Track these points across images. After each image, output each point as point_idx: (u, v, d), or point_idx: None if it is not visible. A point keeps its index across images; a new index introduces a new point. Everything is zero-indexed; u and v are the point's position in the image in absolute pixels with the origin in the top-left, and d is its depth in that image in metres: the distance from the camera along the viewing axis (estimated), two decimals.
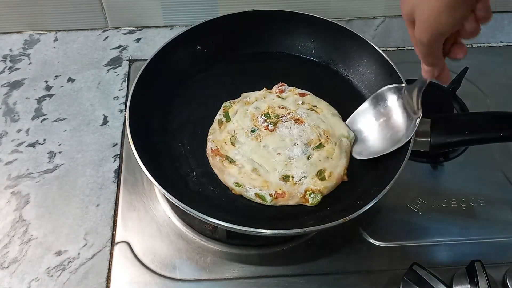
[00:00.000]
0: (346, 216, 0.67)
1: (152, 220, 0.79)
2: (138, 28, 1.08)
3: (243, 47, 0.94)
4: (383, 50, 0.86)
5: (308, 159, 0.77)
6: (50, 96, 0.96)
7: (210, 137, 0.81)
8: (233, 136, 0.80)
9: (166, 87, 0.87)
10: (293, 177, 0.75)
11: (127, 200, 0.81)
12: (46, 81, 0.98)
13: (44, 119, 0.92)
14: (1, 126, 0.91)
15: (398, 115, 0.77)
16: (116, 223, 0.79)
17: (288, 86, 0.87)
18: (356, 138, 0.80)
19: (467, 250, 0.76)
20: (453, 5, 0.55)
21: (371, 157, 0.77)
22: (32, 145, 0.88)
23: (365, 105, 0.81)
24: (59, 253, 0.76)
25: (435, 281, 0.66)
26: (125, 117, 0.91)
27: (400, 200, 0.81)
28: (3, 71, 1.00)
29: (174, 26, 1.08)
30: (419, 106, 0.73)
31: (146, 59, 0.84)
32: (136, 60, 1.02)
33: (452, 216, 0.80)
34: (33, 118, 0.92)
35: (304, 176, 0.75)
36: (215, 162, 0.78)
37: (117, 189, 0.83)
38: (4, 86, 0.97)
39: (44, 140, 0.89)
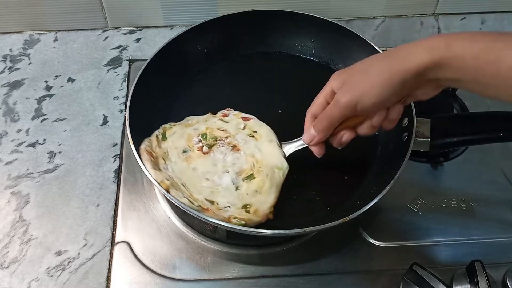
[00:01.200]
0: (346, 216, 0.67)
1: (152, 220, 0.79)
2: (138, 28, 1.08)
3: (243, 47, 0.94)
4: (383, 50, 0.86)
5: (236, 190, 0.72)
6: (50, 96, 0.96)
7: (144, 143, 0.75)
8: (165, 153, 0.76)
9: (166, 87, 0.87)
10: (218, 204, 0.71)
11: (127, 200, 0.81)
12: (46, 81, 0.98)
13: (44, 119, 0.92)
14: (1, 126, 0.91)
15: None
16: (116, 223, 0.79)
17: (234, 110, 0.83)
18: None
19: (467, 250, 0.76)
20: (388, 87, 0.60)
21: None
22: (32, 145, 0.88)
23: None
24: (59, 253, 0.76)
25: (435, 281, 0.66)
26: (125, 117, 0.91)
27: (400, 200, 0.81)
28: (3, 71, 1.00)
29: (174, 26, 1.08)
30: None
31: (146, 59, 0.84)
32: (136, 60, 1.02)
33: (452, 216, 0.80)
34: (33, 118, 0.92)
35: (229, 206, 0.72)
36: (146, 157, 0.72)
37: (117, 189, 0.83)
38: (4, 86, 0.97)
39: (44, 140, 0.89)
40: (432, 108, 0.77)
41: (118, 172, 0.85)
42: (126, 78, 0.99)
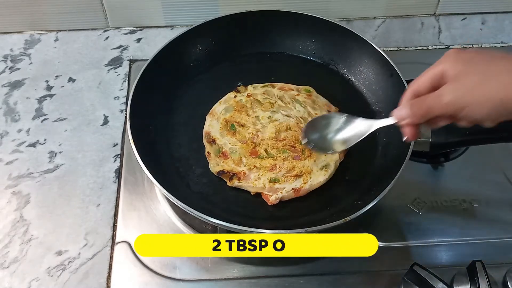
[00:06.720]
0: (346, 216, 0.67)
1: (152, 220, 0.79)
2: (138, 28, 1.08)
3: (243, 47, 0.94)
4: (383, 50, 0.86)
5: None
6: (51, 96, 0.96)
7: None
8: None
9: (166, 87, 0.87)
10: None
11: (128, 200, 0.81)
12: (47, 81, 0.98)
13: (45, 119, 0.92)
14: (1, 126, 0.91)
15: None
16: (116, 223, 0.79)
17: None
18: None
19: (468, 250, 0.76)
20: (500, 110, 0.53)
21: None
22: (33, 145, 0.88)
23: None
24: (59, 253, 0.76)
25: (436, 281, 0.66)
26: (125, 117, 0.91)
27: (401, 200, 0.81)
28: (3, 71, 1.00)
29: (175, 26, 1.08)
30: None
31: (147, 59, 0.84)
32: (136, 60, 1.02)
33: (453, 216, 0.80)
34: (33, 118, 0.92)
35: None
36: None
37: (117, 189, 0.83)
38: (5, 86, 0.97)
39: (45, 140, 0.89)
40: None
41: (118, 172, 0.85)
42: (127, 78, 0.99)
